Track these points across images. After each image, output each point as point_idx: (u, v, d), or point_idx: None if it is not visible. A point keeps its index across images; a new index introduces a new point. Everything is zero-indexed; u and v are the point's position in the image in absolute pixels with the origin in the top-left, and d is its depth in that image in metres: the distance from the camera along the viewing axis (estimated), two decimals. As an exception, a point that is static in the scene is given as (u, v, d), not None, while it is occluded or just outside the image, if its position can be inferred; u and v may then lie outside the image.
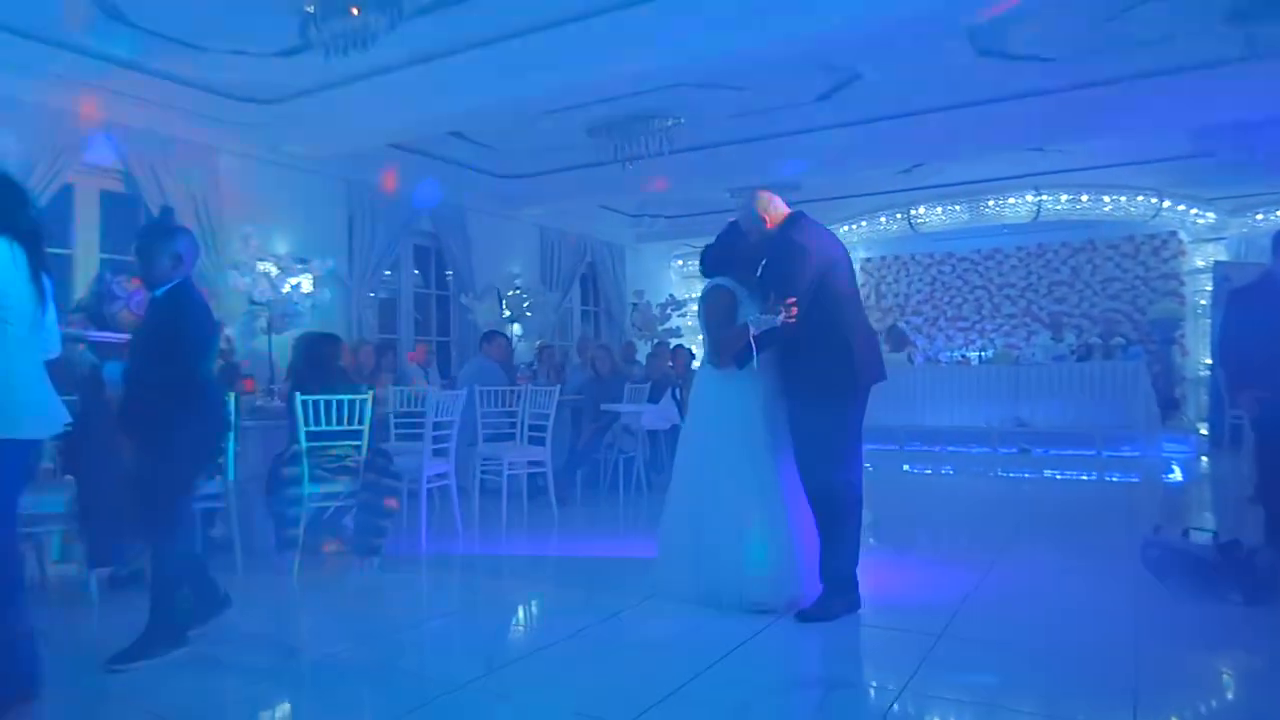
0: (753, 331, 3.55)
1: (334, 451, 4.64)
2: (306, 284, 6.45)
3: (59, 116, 5.86)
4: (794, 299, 3.47)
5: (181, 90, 6.35)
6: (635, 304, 12.07)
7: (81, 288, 5.53)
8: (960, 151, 8.45)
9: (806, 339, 3.57)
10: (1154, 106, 7.01)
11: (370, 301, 8.41)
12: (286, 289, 5.92)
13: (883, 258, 12.68)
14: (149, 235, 3.55)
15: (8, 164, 3.63)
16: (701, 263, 4.14)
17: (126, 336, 4.24)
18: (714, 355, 3.83)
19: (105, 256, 6.38)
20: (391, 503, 4.70)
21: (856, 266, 12.61)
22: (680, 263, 13.83)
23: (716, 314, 3.86)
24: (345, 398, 4.58)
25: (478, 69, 6.10)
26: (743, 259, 3.89)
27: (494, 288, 9.61)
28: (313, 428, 4.54)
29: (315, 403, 4.54)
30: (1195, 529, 3.93)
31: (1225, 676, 2.93)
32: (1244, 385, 4.48)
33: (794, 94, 7.41)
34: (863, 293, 12.60)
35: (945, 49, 6.35)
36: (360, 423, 4.64)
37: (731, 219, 4.09)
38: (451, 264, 9.50)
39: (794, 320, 3.48)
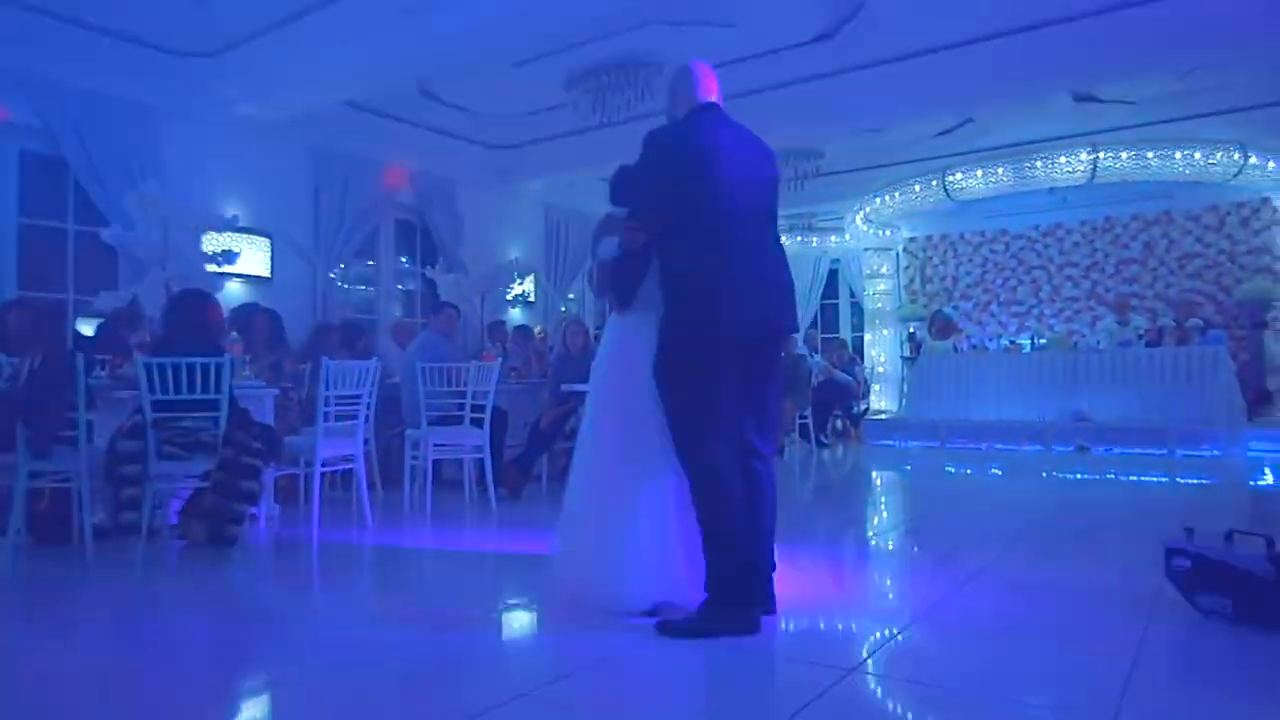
0: (597, 260, 2.83)
1: (186, 424, 3.97)
2: (217, 243, 5.83)
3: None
4: (640, 223, 2.72)
5: (105, 40, 5.86)
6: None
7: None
8: (990, 96, 7.27)
9: (669, 268, 2.72)
10: (1212, 30, 5.77)
11: (339, 277, 7.83)
12: (209, 250, 5.32)
13: (928, 237, 11.50)
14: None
15: None
16: (611, 190, 3.28)
17: None
18: (598, 297, 3.08)
19: (24, 221, 5.94)
20: (251, 484, 3.99)
21: (899, 248, 11.75)
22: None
23: (594, 248, 3.17)
24: (198, 361, 3.91)
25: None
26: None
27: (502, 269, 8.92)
28: (159, 396, 3.88)
29: (162, 368, 3.88)
30: (1242, 532, 2.87)
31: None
32: None
33: (791, 32, 6.49)
34: (905, 276, 11.73)
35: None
36: (217, 391, 3.96)
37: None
38: (439, 242, 8.85)
39: (633, 244, 2.74)
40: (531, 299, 9.99)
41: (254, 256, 6.92)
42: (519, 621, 3.12)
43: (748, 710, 2.16)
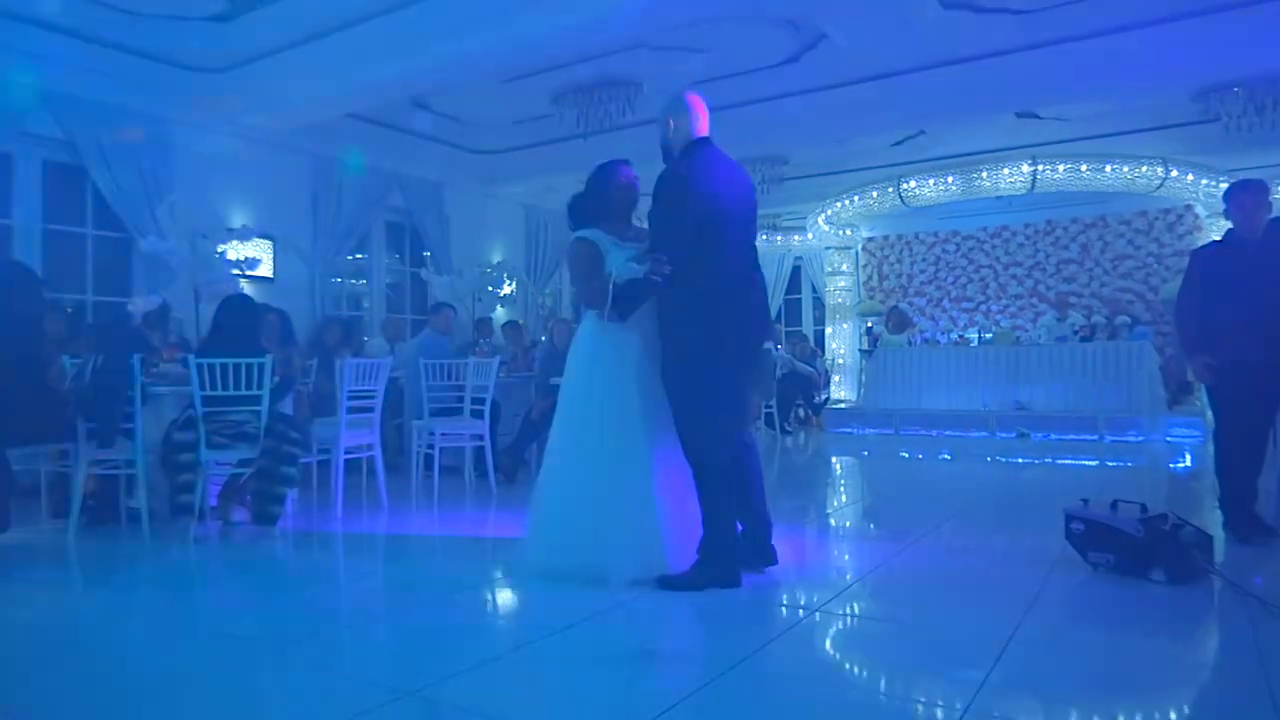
0: (614, 282, 3.28)
1: (232, 417, 4.49)
2: (237, 251, 6.31)
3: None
4: (667, 255, 3.18)
5: (122, 57, 6.27)
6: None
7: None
8: (938, 116, 8.02)
9: (674, 291, 3.25)
10: (1144, 62, 6.54)
11: (336, 277, 8.31)
12: (218, 254, 5.78)
13: (885, 237, 12.25)
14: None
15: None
16: (569, 213, 3.77)
17: None
18: (588, 307, 3.57)
19: (48, 227, 6.35)
20: (290, 470, 4.53)
21: (858, 247, 12.49)
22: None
23: (578, 268, 3.61)
24: (243, 361, 4.43)
25: (426, 26, 5.92)
26: (613, 207, 3.59)
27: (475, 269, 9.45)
28: (209, 392, 4.40)
29: (211, 367, 4.39)
30: (1124, 501, 3.57)
31: (1103, 655, 2.60)
32: (1197, 351, 4.11)
33: (760, 57, 7.11)
34: (864, 273, 12.47)
35: (909, 3, 5.99)
36: (259, 388, 4.49)
37: (599, 163, 3.71)
38: (427, 242, 9.35)
39: (666, 274, 3.18)
40: (512, 293, 10.52)
41: (258, 250, 7.36)
42: (537, 584, 3.67)
43: (731, 639, 2.80)
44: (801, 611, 3.06)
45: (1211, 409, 4.28)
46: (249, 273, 6.61)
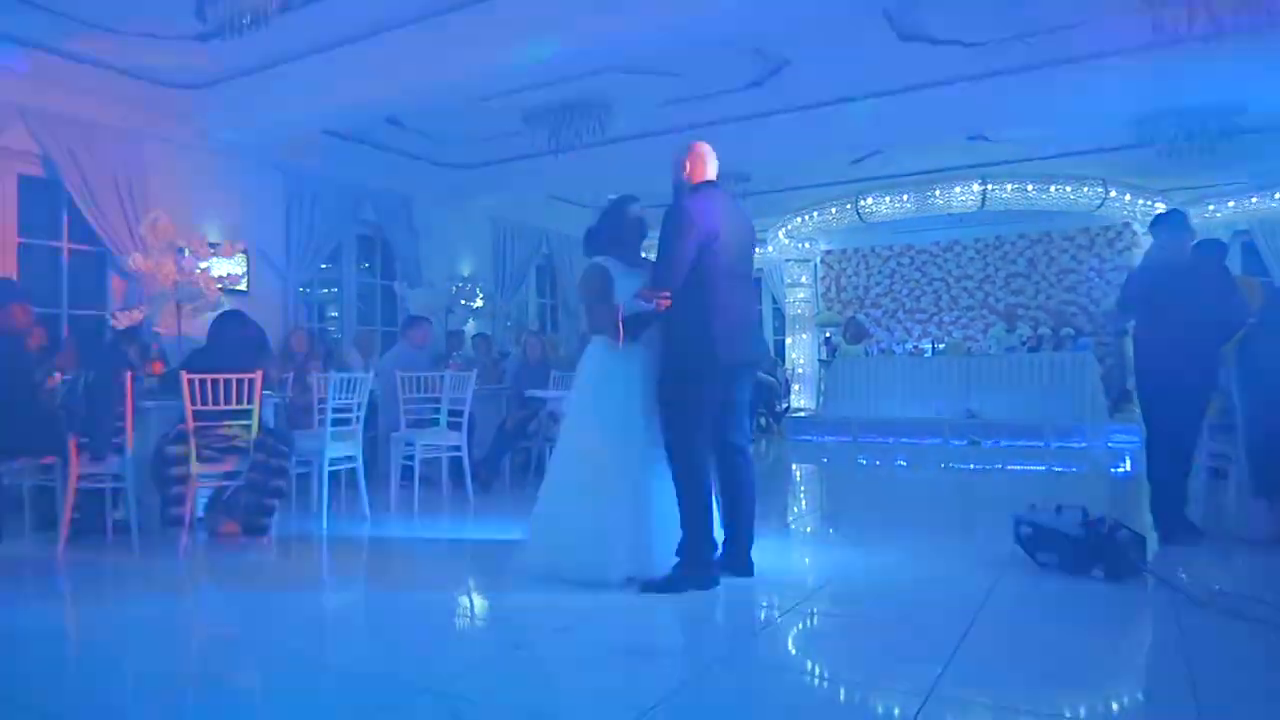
0: (621, 313, 3.59)
1: (222, 430, 4.62)
2: (220, 267, 6.40)
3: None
4: (666, 291, 3.48)
5: (99, 73, 6.33)
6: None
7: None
8: (894, 139, 8.43)
9: (672, 315, 3.55)
10: (1083, 93, 6.98)
11: (308, 289, 8.39)
12: (198, 272, 5.87)
13: (843, 250, 12.67)
14: None
15: None
16: (585, 241, 4.10)
17: None
18: (595, 331, 3.86)
19: (22, 241, 6.36)
20: (279, 483, 4.67)
21: (817, 260, 12.89)
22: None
23: (589, 293, 3.89)
24: (232, 376, 4.56)
25: (404, 51, 6.08)
26: (624, 238, 3.89)
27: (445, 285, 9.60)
28: (199, 406, 4.52)
29: (202, 382, 4.52)
30: (1068, 506, 3.90)
31: (1048, 646, 2.90)
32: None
33: (726, 81, 7.40)
34: (823, 285, 12.88)
35: (867, 34, 6.33)
36: (249, 402, 4.62)
37: (612, 196, 4.07)
38: (397, 255, 9.47)
39: (666, 307, 3.50)
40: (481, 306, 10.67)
41: (238, 267, 7.43)
42: (530, 586, 3.87)
43: (713, 638, 3.05)
44: (776, 613, 3.32)
45: (1144, 422, 4.65)
46: (230, 288, 6.67)
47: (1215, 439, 4.86)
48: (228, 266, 6.60)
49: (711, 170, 3.74)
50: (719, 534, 3.73)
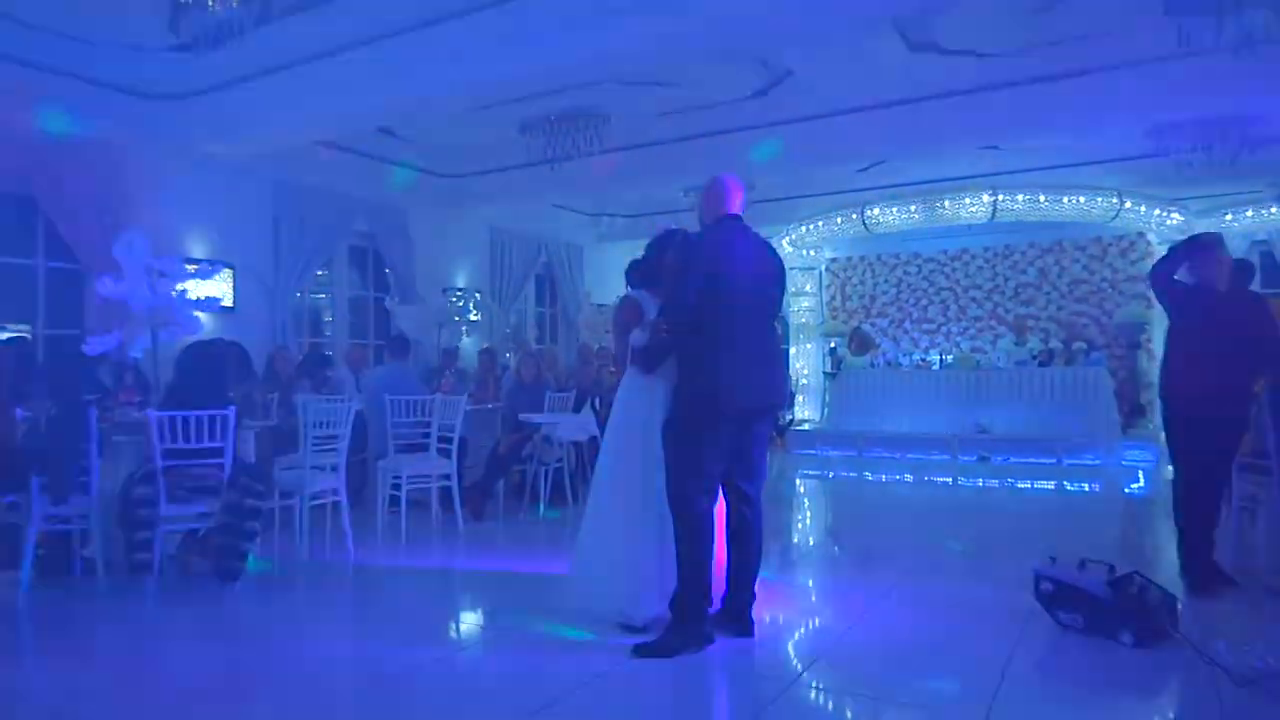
0: (634, 345, 3.53)
1: (194, 471, 4.37)
2: (200, 289, 6.15)
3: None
4: (666, 320, 3.40)
5: (77, 86, 6.08)
6: (580, 305, 11.83)
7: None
8: (902, 150, 8.14)
9: (681, 355, 3.40)
10: (1097, 105, 6.70)
11: (297, 306, 8.15)
12: (174, 294, 5.62)
13: (848, 258, 12.37)
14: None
15: None
16: (626, 274, 4.09)
17: None
18: (620, 363, 3.86)
19: (-2, 260, 6.14)
20: (253, 524, 4.42)
21: (822, 268, 12.60)
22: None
23: (618, 325, 3.89)
24: (205, 414, 4.31)
25: (394, 60, 5.83)
26: (665, 273, 3.69)
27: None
28: (169, 445, 4.27)
29: (172, 419, 4.27)
30: (1092, 561, 3.64)
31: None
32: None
33: (728, 91, 7.14)
34: (828, 294, 12.59)
35: (876, 44, 6.07)
36: (223, 439, 4.37)
37: (663, 227, 3.94)
38: (391, 267, 9.22)
39: (665, 336, 3.40)
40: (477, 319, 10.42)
41: (219, 287, 7.19)
42: (526, 639, 3.58)
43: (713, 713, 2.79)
44: (781, 683, 3.06)
45: (1172, 464, 4.38)
46: (210, 311, 6.42)
47: (1245, 478, 4.59)
48: (208, 288, 6.34)
49: (735, 203, 3.54)
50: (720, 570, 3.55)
